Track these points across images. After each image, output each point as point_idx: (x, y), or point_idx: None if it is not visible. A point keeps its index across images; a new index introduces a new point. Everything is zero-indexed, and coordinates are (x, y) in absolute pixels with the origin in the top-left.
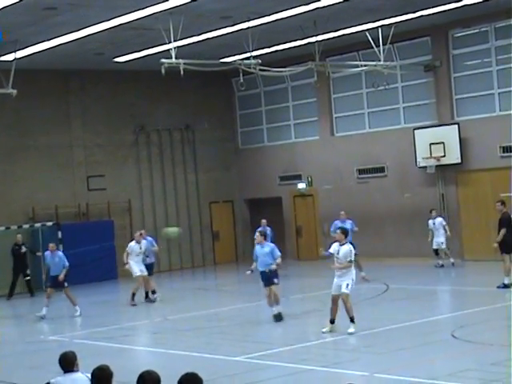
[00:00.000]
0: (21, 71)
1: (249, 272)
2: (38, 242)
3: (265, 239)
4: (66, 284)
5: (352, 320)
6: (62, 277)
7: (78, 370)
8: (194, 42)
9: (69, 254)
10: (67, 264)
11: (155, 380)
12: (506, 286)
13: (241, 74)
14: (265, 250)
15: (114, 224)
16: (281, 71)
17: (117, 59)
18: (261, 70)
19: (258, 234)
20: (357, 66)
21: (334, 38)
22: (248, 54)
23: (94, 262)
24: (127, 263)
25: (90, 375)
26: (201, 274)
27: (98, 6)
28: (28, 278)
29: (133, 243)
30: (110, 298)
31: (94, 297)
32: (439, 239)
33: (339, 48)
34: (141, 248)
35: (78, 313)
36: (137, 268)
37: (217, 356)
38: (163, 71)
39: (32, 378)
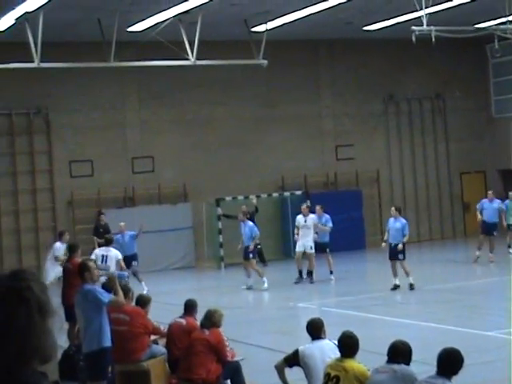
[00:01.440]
0: (271, 42)
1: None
2: (288, 211)
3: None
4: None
5: None
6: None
7: (325, 337)
8: (445, 9)
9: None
10: (330, 224)
11: (408, 350)
12: None
13: (496, 40)
14: (396, 226)
15: (362, 194)
16: None
17: (366, 27)
18: None
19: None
20: None
21: None
22: (504, 19)
23: (343, 231)
24: None
25: (336, 342)
26: (451, 246)
27: None
28: (259, 246)
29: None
30: (358, 268)
31: (343, 265)
32: None
33: None
34: None
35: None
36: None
37: (468, 330)
38: (414, 39)
39: (281, 342)
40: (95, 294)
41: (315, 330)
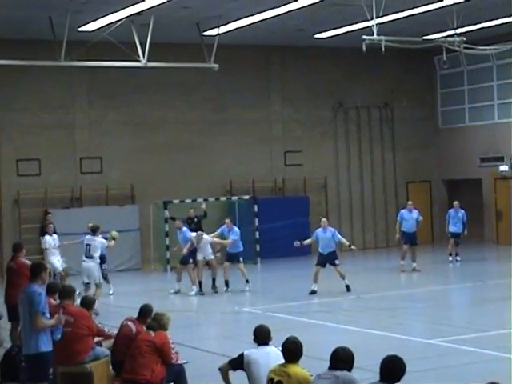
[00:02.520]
0: (223, 46)
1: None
2: (235, 215)
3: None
4: (240, 259)
5: None
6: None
7: (270, 344)
8: (396, 19)
9: (263, 228)
10: (234, 237)
11: (350, 357)
12: None
13: (444, 52)
14: (327, 235)
15: (309, 200)
16: (486, 49)
17: (317, 35)
18: (465, 48)
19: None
20: None
21: None
22: (452, 32)
23: (288, 237)
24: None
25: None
26: (395, 254)
27: None
28: None
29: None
30: (302, 273)
31: (287, 271)
32: None
33: None
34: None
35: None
36: None
37: (410, 337)
38: (364, 48)
39: (225, 347)
40: (37, 299)
41: (262, 336)
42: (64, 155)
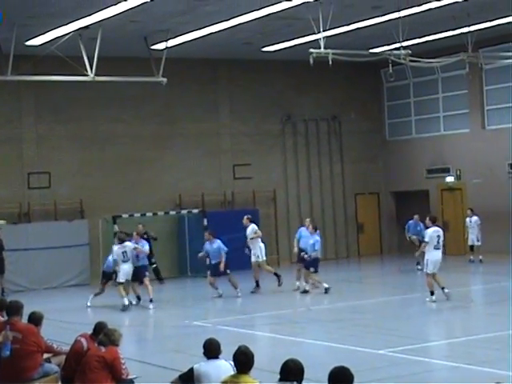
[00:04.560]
0: (171, 60)
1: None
2: (184, 229)
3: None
4: (228, 271)
5: None
6: (222, 266)
7: (220, 357)
8: (343, 32)
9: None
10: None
11: (300, 369)
12: None
13: (390, 65)
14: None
15: (258, 213)
16: (431, 62)
17: (265, 49)
18: (411, 60)
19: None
20: (511, 58)
21: (487, 28)
22: (398, 45)
23: (238, 250)
24: None
25: (232, 362)
26: (345, 266)
27: None
28: (154, 265)
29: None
30: (251, 286)
31: (240, 284)
32: None
33: (492, 39)
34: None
35: (239, 294)
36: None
37: (360, 348)
38: (311, 61)
39: (175, 361)
40: None
41: (211, 349)
42: (11, 170)
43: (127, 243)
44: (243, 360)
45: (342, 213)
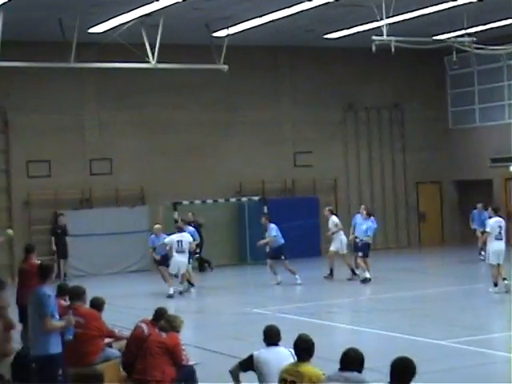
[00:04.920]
0: (232, 47)
1: None
2: (244, 216)
3: None
4: (283, 257)
5: None
6: (261, 243)
7: (279, 344)
8: (406, 19)
9: None
10: (273, 234)
11: (360, 358)
12: None
13: (454, 52)
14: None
15: (319, 201)
16: (496, 49)
17: (327, 36)
18: (476, 48)
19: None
20: None
21: None
22: (462, 32)
23: (298, 237)
24: None
25: (292, 350)
26: (405, 255)
27: None
28: (197, 255)
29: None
30: (313, 275)
31: (298, 272)
32: None
33: None
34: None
35: (298, 281)
36: None
37: (421, 338)
38: (374, 48)
39: (235, 348)
40: (46, 301)
41: (272, 336)
42: (74, 157)
43: (185, 234)
44: (304, 347)
45: (404, 202)
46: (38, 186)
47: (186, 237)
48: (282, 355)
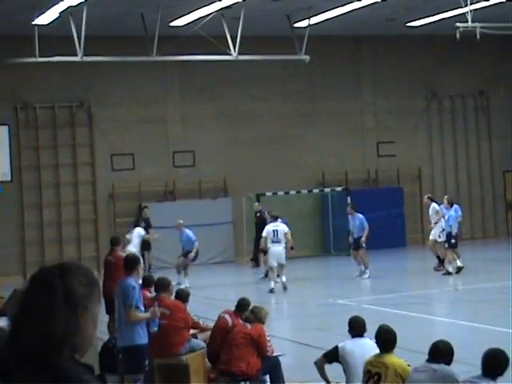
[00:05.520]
0: (313, 37)
1: None
2: (328, 207)
3: None
4: (363, 246)
5: None
6: (363, 239)
7: (365, 336)
8: (490, 5)
9: None
10: (365, 224)
11: (449, 351)
12: None
13: None
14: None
15: (403, 191)
16: None
17: (409, 24)
18: None
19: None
20: None
21: None
22: None
23: (383, 228)
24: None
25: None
26: (493, 245)
27: None
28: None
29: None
30: (398, 265)
31: (383, 263)
32: None
33: None
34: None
35: (367, 275)
36: None
37: (508, 330)
38: (458, 35)
39: (319, 339)
40: (131, 293)
41: (357, 327)
42: (157, 149)
43: (280, 223)
44: (387, 338)
45: (490, 191)
46: (122, 179)
47: (282, 227)
48: (368, 347)
